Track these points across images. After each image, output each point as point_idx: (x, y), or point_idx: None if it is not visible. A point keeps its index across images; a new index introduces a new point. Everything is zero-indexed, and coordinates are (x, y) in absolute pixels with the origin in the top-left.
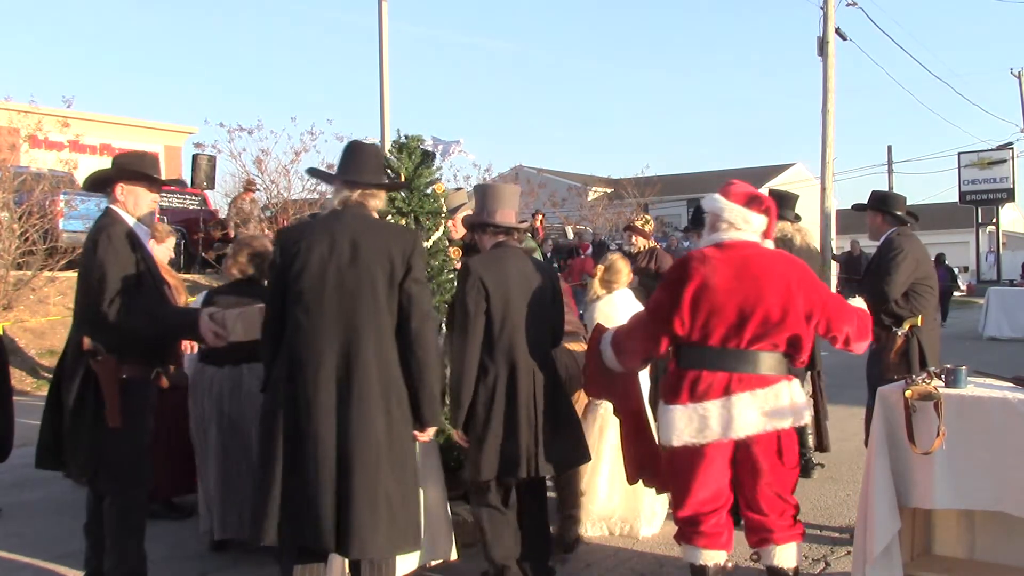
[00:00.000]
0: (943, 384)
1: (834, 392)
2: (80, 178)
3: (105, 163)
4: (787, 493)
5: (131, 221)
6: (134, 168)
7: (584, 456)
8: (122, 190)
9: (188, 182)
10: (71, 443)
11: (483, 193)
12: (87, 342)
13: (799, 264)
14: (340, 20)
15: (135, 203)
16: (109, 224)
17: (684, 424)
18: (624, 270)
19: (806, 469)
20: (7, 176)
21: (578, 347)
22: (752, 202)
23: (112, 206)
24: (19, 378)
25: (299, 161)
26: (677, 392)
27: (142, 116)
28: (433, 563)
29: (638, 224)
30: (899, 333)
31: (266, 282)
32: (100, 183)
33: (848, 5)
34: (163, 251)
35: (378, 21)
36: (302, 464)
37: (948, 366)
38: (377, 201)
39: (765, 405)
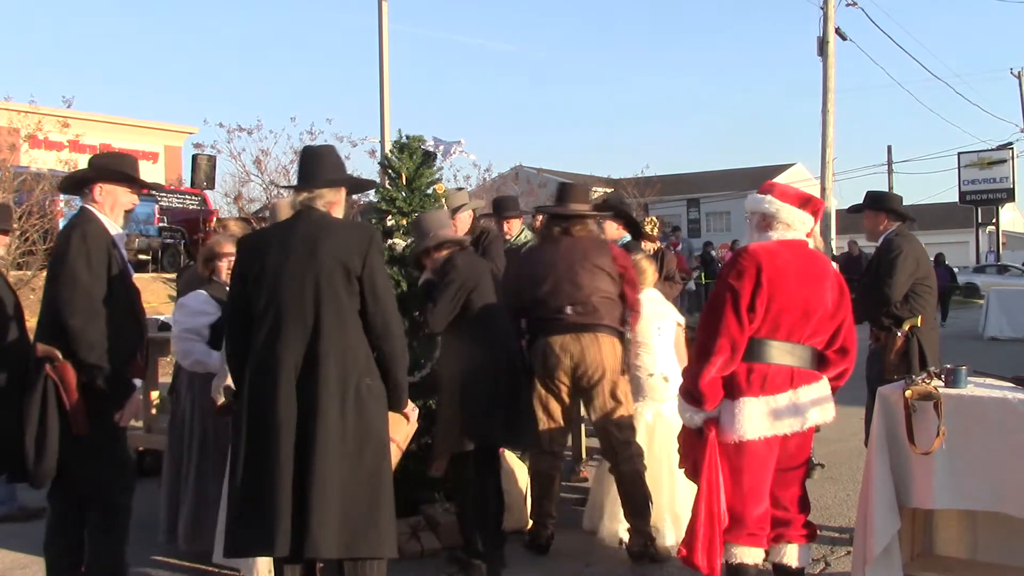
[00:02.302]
0: (943, 384)
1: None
2: None
3: None
4: (803, 491)
5: (107, 223)
6: (115, 168)
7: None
8: (101, 190)
9: (188, 182)
10: (36, 451)
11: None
12: (40, 347)
13: (834, 268)
14: (340, 20)
15: (113, 204)
16: (84, 224)
17: (760, 417)
18: (649, 270)
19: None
20: (7, 176)
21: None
22: (806, 204)
23: (88, 206)
24: None
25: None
26: (744, 385)
27: (142, 116)
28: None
29: (647, 229)
30: (899, 333)
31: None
32: (78, 183)
33: (848, 5)
34: None
35: (378, 21)
36: (260, 472)
37: (948, 366)
38: (325, 201)
39: (819, 399)
